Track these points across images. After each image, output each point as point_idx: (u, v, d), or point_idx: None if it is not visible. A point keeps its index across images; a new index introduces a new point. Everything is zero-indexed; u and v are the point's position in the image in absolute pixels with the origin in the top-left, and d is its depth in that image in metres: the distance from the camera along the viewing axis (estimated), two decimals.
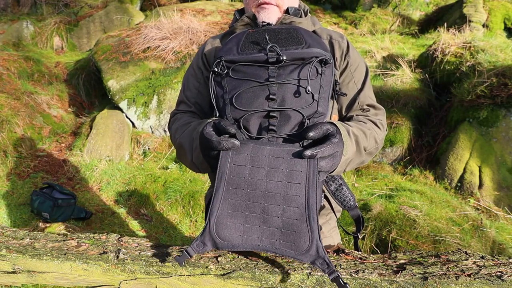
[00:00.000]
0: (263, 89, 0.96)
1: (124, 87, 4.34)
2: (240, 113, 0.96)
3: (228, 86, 0.99)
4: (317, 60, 0.96)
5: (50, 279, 0.98)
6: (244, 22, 1.16)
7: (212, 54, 1.21)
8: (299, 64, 0.96)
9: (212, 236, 0.85)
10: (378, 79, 4.39)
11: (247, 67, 0.98)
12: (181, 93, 1.27)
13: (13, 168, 3.57)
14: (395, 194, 2.93)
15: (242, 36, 1.03)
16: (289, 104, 0.94)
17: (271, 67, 0.96)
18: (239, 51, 1.00)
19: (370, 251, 2.49)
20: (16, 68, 4.88)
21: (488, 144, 3.23)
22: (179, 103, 1.28)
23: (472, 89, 3.40)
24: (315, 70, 0.97)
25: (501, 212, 2.84)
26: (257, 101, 0.96)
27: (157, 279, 0.93)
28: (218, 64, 0.99)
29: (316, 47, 0.98)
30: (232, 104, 0.97)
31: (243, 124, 0.97)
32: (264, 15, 1.12)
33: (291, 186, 0.86)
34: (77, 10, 6.99)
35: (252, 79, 0.96)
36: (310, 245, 0.81)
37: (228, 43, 1.04)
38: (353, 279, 0.85)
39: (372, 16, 7.03)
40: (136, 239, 1.08)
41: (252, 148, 0.90)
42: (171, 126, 1.24)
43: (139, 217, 3.15)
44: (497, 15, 5.31)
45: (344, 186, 1.05)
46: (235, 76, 0.98)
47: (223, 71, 0.99)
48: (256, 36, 1.02)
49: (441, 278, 0.82)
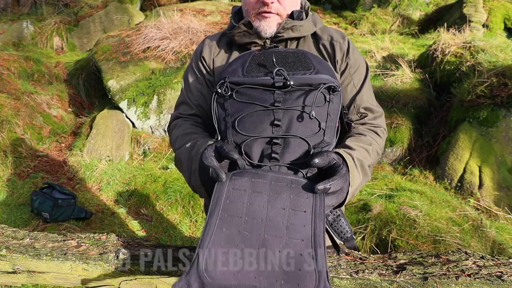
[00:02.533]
0: (267, 114, 0.92)
1: (124, 87, 4.35)
2: (242, 138, 0.92)
3: (231, 109, 0.95)
4: (325, 87, 0.92)
5: (50, 279, 0.98)
6: (241, 29, 1.12)
7: (210, 56, 1.19)
8: (306, 90, 0.92)
9: (200, 275, 0.74)
10: (378, 79, 4.39)
11: (252, 90, 0.94)
12: (183, 94, 1.24)
13: (13, 168, 3.57)
14: (395, 194, 2.93)
15: (248, 57, 1.00)
16: (295, 132, 0.90)
17: (277, 92, 0.92)
18: (244, 73, 0.96)
19: (370, 251, 2.49)
20: (16, 68, 4.88)
21: (488, 144, 3.23)
22: (179, 104, 1.24)
23: (472, 89, 3.40)
24: (322, 97, 0.93)
25: (501, 212, 2.84)
26: (260, 126, 0.92)
27: (157, 279, 0.93)
28: (222, 85, 0.95)
29: (325, 73, 0.95)
30: (234, 127, 0.93)
31: (245, 149, 0.92)
32: (264, 24, 1.09)
33: (296, 215, 0.77)
34: (77, 10, 6.99)
35: (256, 102, 0.92)
36: (317, 286, 0.71)
37: (233, 63, 1.01)
38: (353, 279, 0.85)
39: (372, 16, 7.03)
40: (136, 239, 1.08)
41: (254, 174, 0.84)
42: (171, 131, 1.20)
43: (139, 217, 3.15)
44: (497, 15, 5.31)
45: (342, 218, 0.98)
46: (239, 99, 0.94)
47: (226, 93, 0.95)
48: (263, 58, 0.98)
49: (441, 278, 0.82)
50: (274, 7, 1.08)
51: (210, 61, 1.19)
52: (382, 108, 1.22)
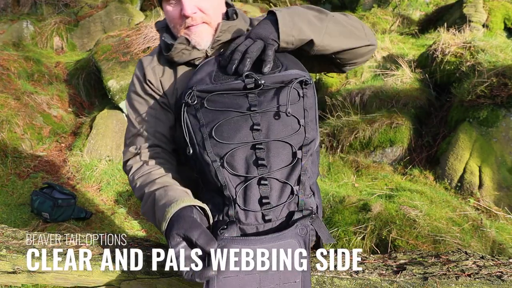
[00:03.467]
0: (245, 119, 0.88)
1: (124, 87, 4.34)
2: (224, 148, 0.88)
3: (204, 119, 0.89)
4: (297, 82, 0.90)
5: (50, 279, 0.98)
6: (179, 49, 1.05)
7: (156, 78, 1.10)
8: (278, 88, 0.90)
9: None
10: (378, 79, 4.39)
11: (223, 97, 0.89)
12: (133, 126, 1.12)
13: (13, 168, 3.57)
14: (395, 194, 2.93)
15: (214, 65, 0.96)
16: (276, 133, 0.88)
17: (250, 95, 0.89)
18: (212, 81, 0.92)
19: (370, 251, 2.49)
20: (16, 68, 4.87)
21: (488, 144, 3.23)
22: (132, 137, 1.12)
23: (472, 89, 3.40)
24: (295, 93, 0.91)
25: (501, 212, 2.84)
26: (240, 132, 0.88)
27: (157, 279, 0.93)
28: (189, 95, 0.89)
29: (294, 68, 0.93)
30: (212, 137, 0.88)
31: (227, 160, 0.88)
32: (195, 37, 1.04)
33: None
34: (77, 10, 6.99)
35: (231, 109, 0.88)
36: None
37: (197, 73, 0.96)
38: (353, 279, 0.85)
39: (372, 16, 7.03)
40: (136, 239, 1.08)
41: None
42: (128, 172, 1.10)
43: (139, 217, 3.15)
44: (497, 15, 5.31)
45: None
46: (212, 107, 0.89)
47: (195, 102, 0.89)
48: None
49: (441, 278, 0.82)
50: (198, 18, 1.03)
51: (158, 83, 1.11)
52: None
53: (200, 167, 0.94)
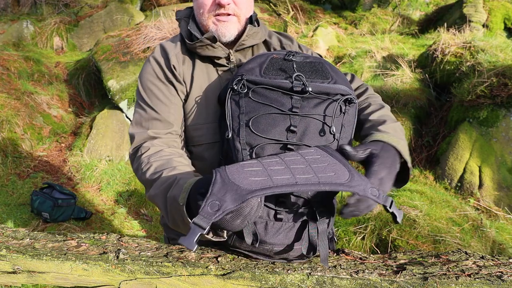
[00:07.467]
0: (284, 118, 0.90)
1: (124, 87, 4.34)
2: (256, 140, 0.89)
3: (245, 107, 0.92)
4: (344, 98, 0.92)
5: (50, 279, 0.98)
6: (204, 43, 1.07)
7: (179, 65, 1.11)
8: (323, 99, 0.91)
9: (230, 187, 0.65)
10: (378, 79, 4.39)
11: (269, 92, 0.91)
12: (150, 109, 1.09)
13: (13, 168, 3.57)
14: (395, 194, 2.93)
15: (266, 59, 0.98)
16: (310, 140, 0.89)
17: (295, 97, 0.90)
18: (262, 73, 0.94)
19: (370, 251, 2.49)
20: (16, 68, 4.87)
21: (488, 144, 3.23)
22: (149, 120, 1.09)
23: (472, 89, 3.40)
24: (339, 107, 0.92)
25: (501, 212, 2.84)
26: (275, 129, 0.89)
27: (157, 279, 0.93)
28: (239, 83, 0.93)
29: (342, 84, 0.94)
30: (248, 126, 0.90)
31: (257, 151, 0.89)
32: (222, 28, 1.07)
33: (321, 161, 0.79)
34: (77, 10, 6.99)
35: (273, 105, 0.90)
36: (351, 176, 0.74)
37: (250, 62, 0.99)
38: (353, 279, 0.85)
39: (372, 16, 7.03)
40: (136, 239, 1.08)
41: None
42: (141, 153, 1.05)
43: (139, 217, 3.15)
44: (497, 15, 5.31)
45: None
46: (255, 99, 0.92)
47: (242, 90, 0.92)
48: (281, 63, 0.97)
49: (441, 278, 0.82)
50: (231, 9, 1.06)
51: (181, 70, 1.12)
52: None
53: (228, 152, 0.96)
